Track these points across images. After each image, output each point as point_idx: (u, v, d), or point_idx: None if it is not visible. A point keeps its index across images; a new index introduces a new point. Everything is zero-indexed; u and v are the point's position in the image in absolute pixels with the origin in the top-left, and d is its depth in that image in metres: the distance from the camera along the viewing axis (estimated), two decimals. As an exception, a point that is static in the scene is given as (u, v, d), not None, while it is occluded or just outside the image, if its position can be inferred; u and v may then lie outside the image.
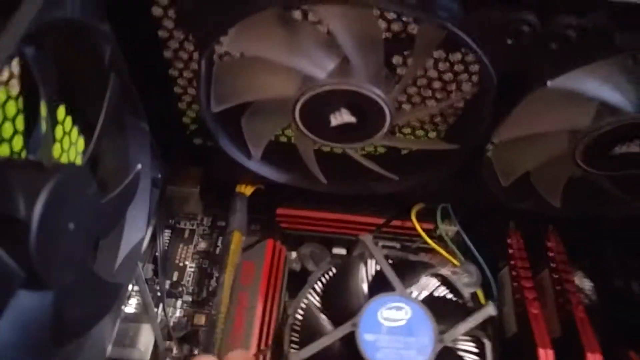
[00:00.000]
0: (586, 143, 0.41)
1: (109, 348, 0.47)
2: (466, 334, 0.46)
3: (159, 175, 0.52)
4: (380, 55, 0.40)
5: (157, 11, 0.40)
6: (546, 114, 0.40)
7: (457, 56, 0.42)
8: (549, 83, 0.35)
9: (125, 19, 0.39)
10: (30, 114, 0.35)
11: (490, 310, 0.46)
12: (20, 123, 0.38)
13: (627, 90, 0.37)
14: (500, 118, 0.40)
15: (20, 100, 0.37)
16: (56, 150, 0.42)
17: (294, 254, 0.58)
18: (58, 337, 0.33)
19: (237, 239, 0.54)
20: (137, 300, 0.53)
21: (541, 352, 0.44)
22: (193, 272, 0.58)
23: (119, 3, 0.37)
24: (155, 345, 0.50)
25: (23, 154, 0.35)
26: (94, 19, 0.36)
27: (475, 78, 0.44)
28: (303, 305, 0.49)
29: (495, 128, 0.41)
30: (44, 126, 0.34)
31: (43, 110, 0.34)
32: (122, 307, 0.51)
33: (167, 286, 0.56)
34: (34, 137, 0.35)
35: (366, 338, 0.44)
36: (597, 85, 0.36)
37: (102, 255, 0.45)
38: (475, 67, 0.43)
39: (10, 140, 0.38)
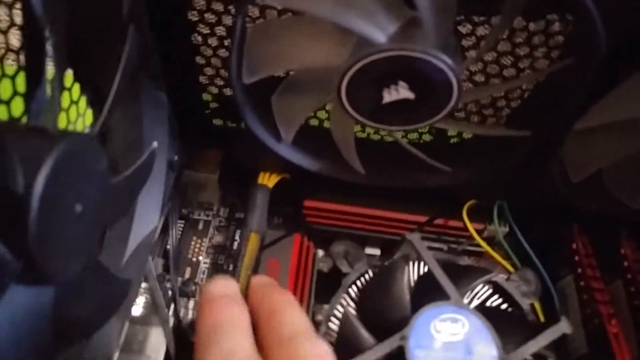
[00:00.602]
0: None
1: (116, 355, 0.40)
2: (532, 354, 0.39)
3: (176, 157, 0.45)
4: (452, 20, 0.33)
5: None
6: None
7: (541, 25, 0.35)
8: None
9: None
10: (34, 72, 0.28)
11: (564, 327, 0.39)
12: (21, 83, 0.32)
13: None
14: (592, 99, 0.34)
15: (22, 55, 0.30)
16: (62, 120, 0.36)
17: (320, 253, 0.51)
18: (59, 339, 0.27)
19: (254, 242, 0.48)
20: (145, 299, 0.46)
21: (625, 378, 0.37)
22: (207, 268, 0.51)
23: None
24: (167, 351, 0.43)
25: (23, 121, 0.29)
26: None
27: (555, 53, 0.37)
28: (338, 313, 0.43)
29: (583, 111, 0.35)
30: (49, 89, 0.27)
31: (50, 70, 0.27)
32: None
33: (178, 284, 0.49)
34: (37, 101, 0.29)
35: (417, 354, 0.37)
36: None
37: (109, 247, 0.39)
38: (557, 39, 0.36)
39: (8, 103, 0.32)
